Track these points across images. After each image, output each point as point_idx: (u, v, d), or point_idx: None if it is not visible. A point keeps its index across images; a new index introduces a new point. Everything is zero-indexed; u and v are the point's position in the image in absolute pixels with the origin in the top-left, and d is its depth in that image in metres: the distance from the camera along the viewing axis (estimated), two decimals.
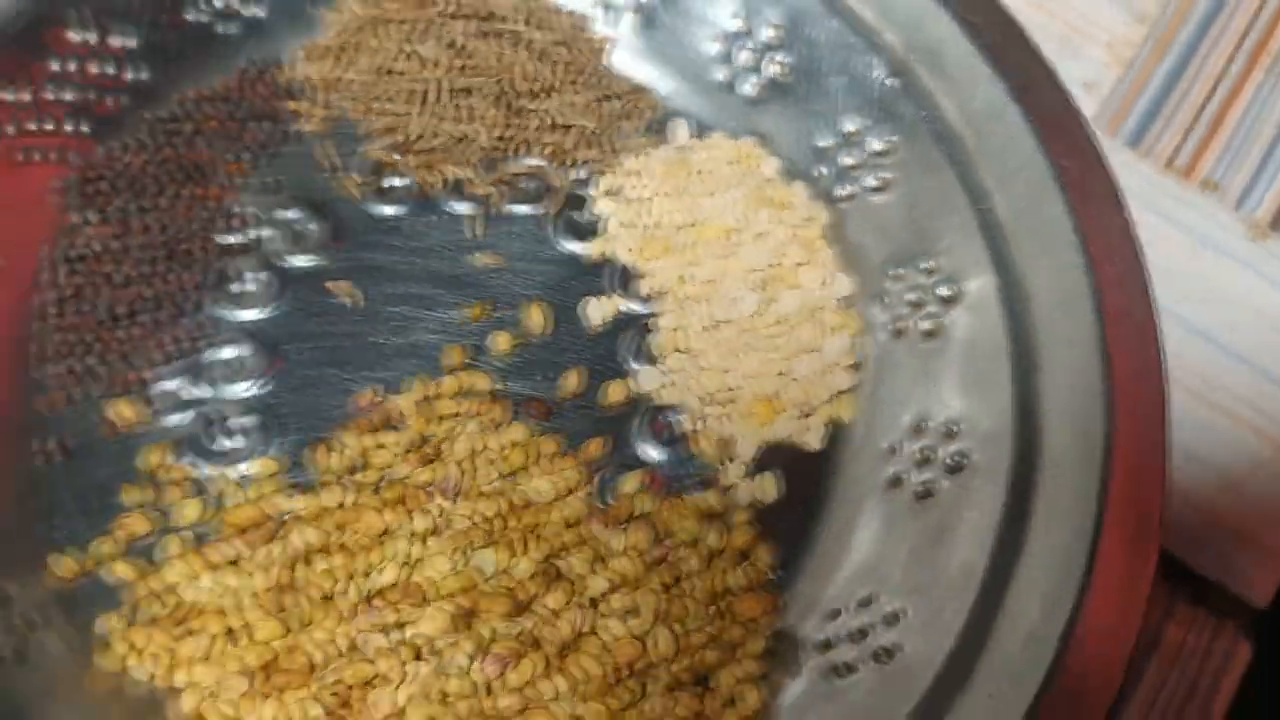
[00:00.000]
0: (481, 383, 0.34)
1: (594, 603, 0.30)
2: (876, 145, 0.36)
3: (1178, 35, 0.43)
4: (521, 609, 0.29)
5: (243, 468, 0.32)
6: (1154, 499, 0.29)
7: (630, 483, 0.32)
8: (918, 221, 0.35)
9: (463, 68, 0.37)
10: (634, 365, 0.35)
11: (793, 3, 0.36)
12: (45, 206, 0.33)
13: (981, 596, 0.29)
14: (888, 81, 0.36)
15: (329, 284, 0.34)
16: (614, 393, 0.34)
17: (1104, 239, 0.33)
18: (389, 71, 0.36)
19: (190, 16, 0.36)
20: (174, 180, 0.34)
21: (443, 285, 0.35)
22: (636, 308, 0.35)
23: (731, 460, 0.33)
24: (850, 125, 0.36)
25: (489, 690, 0.28)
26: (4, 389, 0.31)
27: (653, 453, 0.34)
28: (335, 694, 0.28)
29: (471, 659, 0.28)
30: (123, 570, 0.30)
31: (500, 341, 0.34)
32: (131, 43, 0.35)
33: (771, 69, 0.37)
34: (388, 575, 0.29)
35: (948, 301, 0.34)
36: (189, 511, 0.31)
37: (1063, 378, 0.31)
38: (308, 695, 0.28)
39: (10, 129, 0.33)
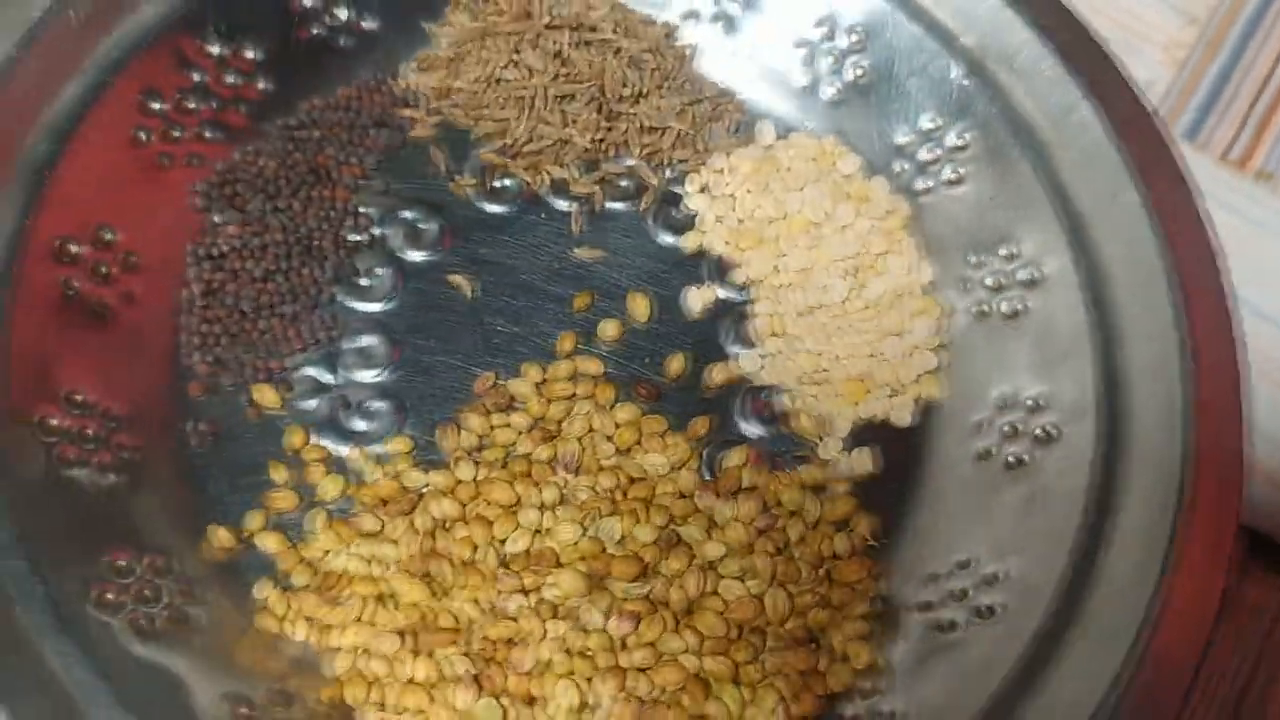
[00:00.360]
0: (592, 367, 0.36)
1: (711, 566, 0.32)
2: (953, 141, 0.38)
3: (1227, 35, 0.45)
4: (646, 572, 0.31)
5: (377, 447, 0.34)
6: (1235, 464, 0.31)
7: (735, 458, 0.35)
8: (996, 211, 0.37)
9: (558, 76, 0.39)
10: (733, 349, 0.37)
11: (872, 9, 0.39)
12: (186, 208, 0.36)
13: (1075, 558, 0.31)
14: (964, 81, 0.38)
15: (450, 277, 0.37)
16: (716, 375, 0.36)
17: (1177, 222, 0.35)
18: (496, 80, 0.39)
19: (313, 31, 0.38)
20: (303, 183, 0.37)
21: (549, 277, 0.38)
22: (732, 296, 0.38)
23: (828, 436, 0.36)
24: (927, 123, 0.39)
25: (623, 645, 0.30)
26: (160, 377, 0.34)
27: (754, 430, 0.36)
28: (482, 650, 0.30)
29: (605, 617, 0.30)
30: (273, 542, 0.32)
31: (609, 329, 0.36)
32: (259, 56, 0.38)
33: (851, 72, 0.40)
34: (521, 542, 0.32)
35: (1028, 285, 0.36)
36: (331, 487, 0.33)
37: (1144, 352, 0.33)
38: (455, 652, 0.30)
39: (146, 136, 0.36)
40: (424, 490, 0.33)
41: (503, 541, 0.32)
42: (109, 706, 0.27)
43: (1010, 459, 0.34)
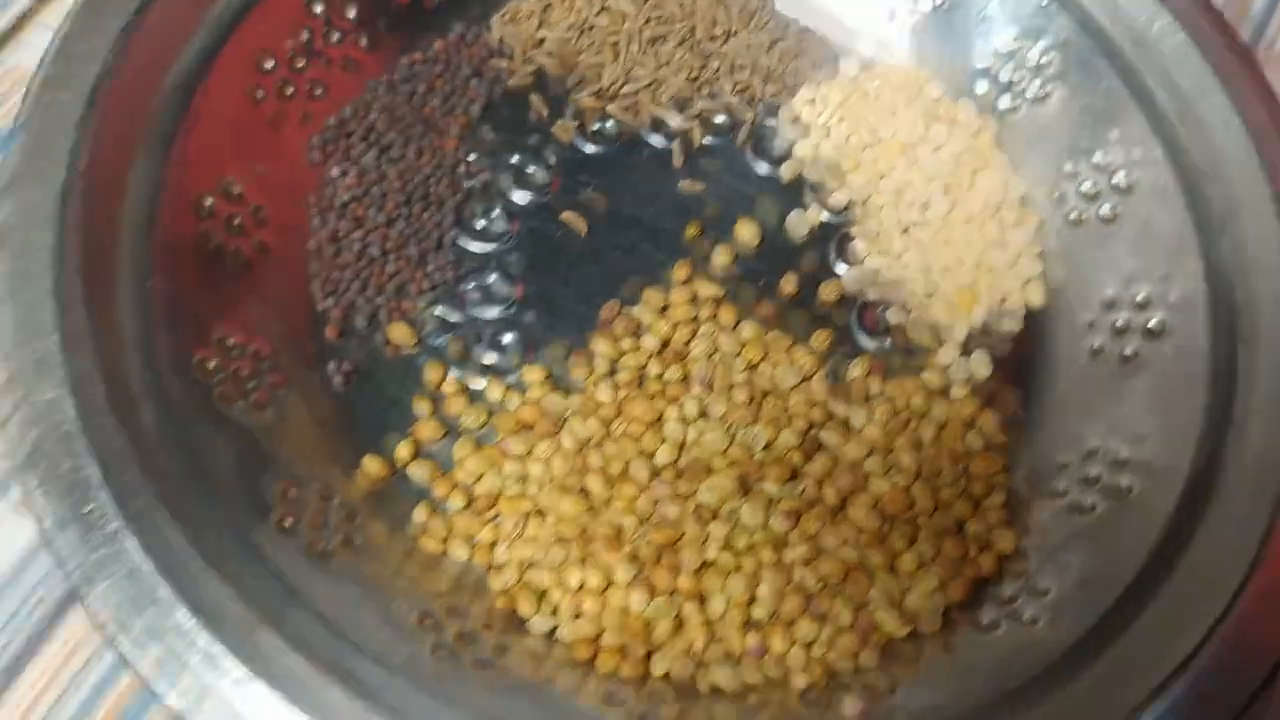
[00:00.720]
0: (709, 290, 0.37)
1: (854, 466, 0.33)
2: (1037, 59, 0.39)
3: None
4: (795, 474, 0.32)
5: (512, 378, 0.35)
6: None
7: (857, 369, 0.36)
8: (1084, 122, 0.38)
9: (649, 19, 0.40)
10: (841, 267, 0.38)
11: None
12: (303, 162, 0.37)
13: (1204, 439, 0.32)
14: (1043, 1, 0.39)
15: (563, 215, 0.38)
16: (827, 292, 0.37)
17: (1260, 119, 0.36)
18: (589, 27, 0.40)
19: None
20: (412, 134, 0.38)
21: (657, 212, 0.39)
22: (835, 218, 0.39)
23: (942, 344, 0.37)
24: (1009, 44, 0.40)
25: (783, 542, 0.31)
26: (299, 322, 0.35)
27: (869, 342, 0.37)
28: (647, 554, 0.31)
29: (765, 515, 0.31)
30: (425, 469, 0.33)
31: (720, 255, 0.37)
32: (358, 14, 0.39)
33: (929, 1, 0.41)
34: (668, 453, 0.33)
35: (1123, 191, 0.37)
36: (474, 416, 0.34)
37: (1245, 241, 0.34)
38: (620, 558, 0.31)
39: (261, 94, 0.37)
40: (567, 415, 0.34)
41: (651, 455, 0.33)
42: (306, 612, 0.27)
43: (1123, 353, 0.35)
